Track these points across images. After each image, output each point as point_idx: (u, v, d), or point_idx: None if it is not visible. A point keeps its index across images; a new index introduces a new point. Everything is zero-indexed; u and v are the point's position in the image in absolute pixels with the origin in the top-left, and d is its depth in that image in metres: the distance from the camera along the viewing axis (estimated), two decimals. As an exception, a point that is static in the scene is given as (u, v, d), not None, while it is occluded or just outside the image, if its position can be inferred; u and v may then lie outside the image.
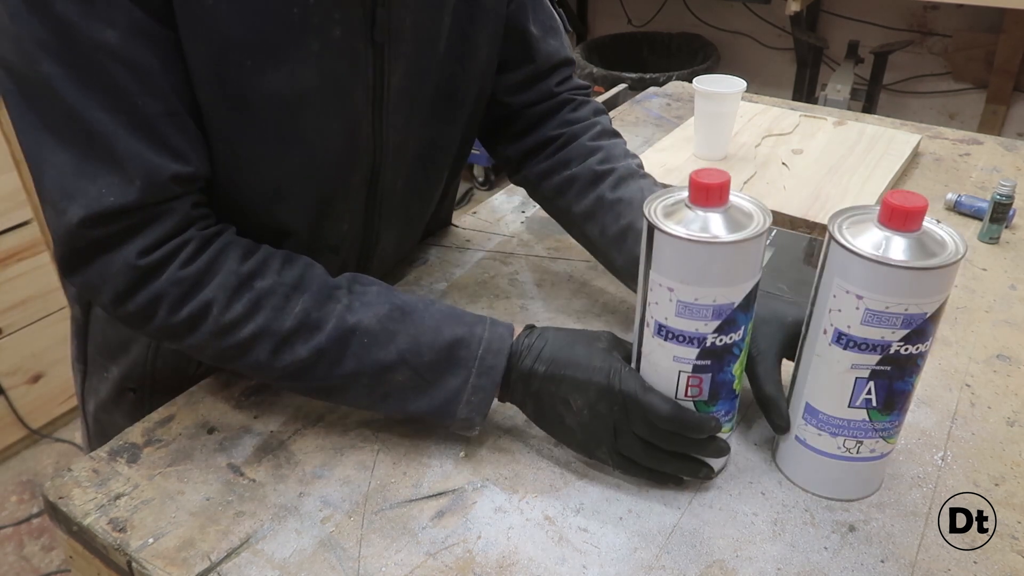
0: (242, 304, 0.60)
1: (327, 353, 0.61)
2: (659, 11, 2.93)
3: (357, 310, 0.62)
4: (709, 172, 0.54)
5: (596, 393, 0.60)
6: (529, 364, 0.62)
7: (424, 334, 0.62)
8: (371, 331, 0.61)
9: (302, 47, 0.61)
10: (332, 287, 0.63)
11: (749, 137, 1.18)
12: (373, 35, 0.65)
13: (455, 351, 0.62)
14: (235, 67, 0.59)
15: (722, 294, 0.54)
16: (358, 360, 0.61)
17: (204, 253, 0.60)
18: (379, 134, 0.70)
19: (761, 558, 0.56)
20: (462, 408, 0.62)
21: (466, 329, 0.63)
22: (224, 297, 0.59)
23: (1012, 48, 2.34)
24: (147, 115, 0.57)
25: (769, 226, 0.54)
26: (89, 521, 0.59)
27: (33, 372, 1.94)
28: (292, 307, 0.61)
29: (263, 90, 0.61)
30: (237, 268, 0.60)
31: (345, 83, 0.65)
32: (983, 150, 1.19)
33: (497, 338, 0.63)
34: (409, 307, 0.64)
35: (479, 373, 0.61)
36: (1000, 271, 0.90)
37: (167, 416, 0.69)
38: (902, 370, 0.55)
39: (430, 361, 0.61)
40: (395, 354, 0.61)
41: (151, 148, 0.57)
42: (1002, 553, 0.57)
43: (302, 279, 0.62)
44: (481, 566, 0.56)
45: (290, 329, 0.60)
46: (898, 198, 0.52)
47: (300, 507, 0.60)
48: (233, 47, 0.58)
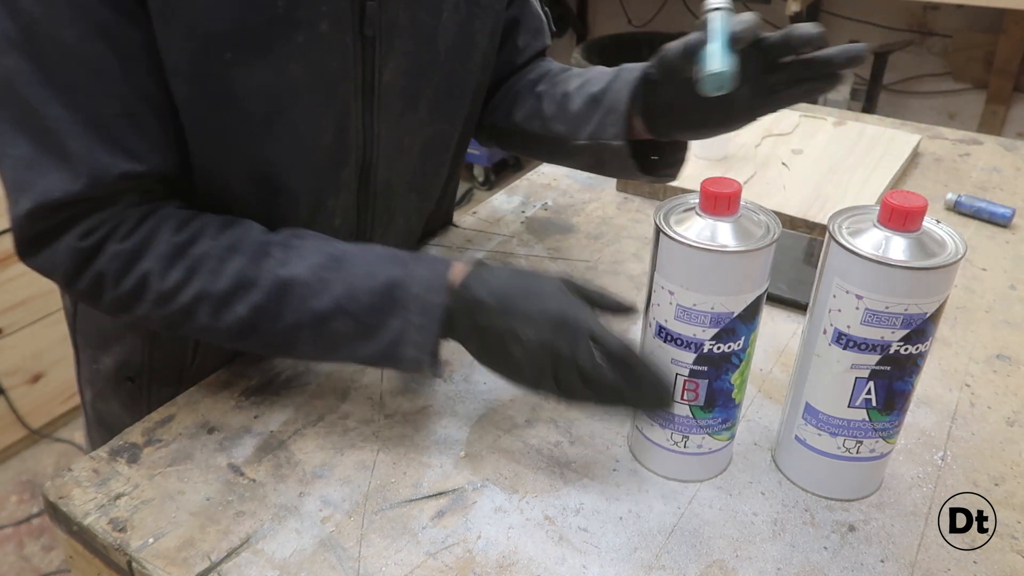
0: (178, 271, 0.60)
1: (265, 309, 0.60)
2: (659, 11, 2.93)
3: (291, 263, 0.61)
4: (720, 181, 0.54)
5: (549, 324, 0.57)
6: (479, 296, 0.59)
7: (359, 279, 0.61)
8: (305, 282, 0.60)
9: (288, 41, 0.61)
10: (266, 243, 0.62)
11: (749, 137, 1.18)
12: (362, 29, 0.65)
13: (392, 292, 0.60)
14: (216, 61, 0.59)
15: (721, 302, 0.54)
16: (296, 313, 0.60)
17: (141, 227, 0.61)
18: (369, 129, 0.71)
19: (761, 558, 0.56)
20: (408, 349, 0.60)
21: (402, 269, 0.61)
22: (160, 266, 0.60)
23: (1012, 48, 2.34)
24: (102, 114, 0.58)
25: (775, 239, 0.54)
26: (89, 521, 0.59)
27: (33, 372, 1.94)
28: (227, 268, 0.61)
29: (248, 84, 0.61)
30: (172, 237, 0.61)
31: (333, 77, 0.65)
32: (983, 150, 1.20)
33: (436, 275, 0.61)
34: (345, 255, 0.62)
35: (419, 311, 0.60)
36: (1000, 271, 0.90)
37: (167, 416, 0.69)
38: (902, 370, 0.55)
39: (368, 305, 0.60)
40: (331, 302, 0.60)
41: (102, 147, 0.58)
42: (1002, 553, 0.57)
43: (238, 240, 0.62)
44: (481, 566, 0.56)
45: (226, 290, 0.60)
46: (898, 198, 0.52)
47: (300, 507, 0.60)
48: (213, 40, 0.59)
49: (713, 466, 0.63)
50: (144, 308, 0.62)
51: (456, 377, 0.73)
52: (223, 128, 0.63)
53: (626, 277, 0.89)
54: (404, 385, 0.72)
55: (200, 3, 0.57)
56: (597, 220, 1.01)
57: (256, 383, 0.72)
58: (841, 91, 2.28)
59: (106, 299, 0.62)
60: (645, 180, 0.79)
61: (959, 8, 2.36)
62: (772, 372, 0.75)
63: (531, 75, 0.86)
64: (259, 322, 0.61)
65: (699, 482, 0.63)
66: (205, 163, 0.65)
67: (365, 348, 0.61)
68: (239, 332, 0.62)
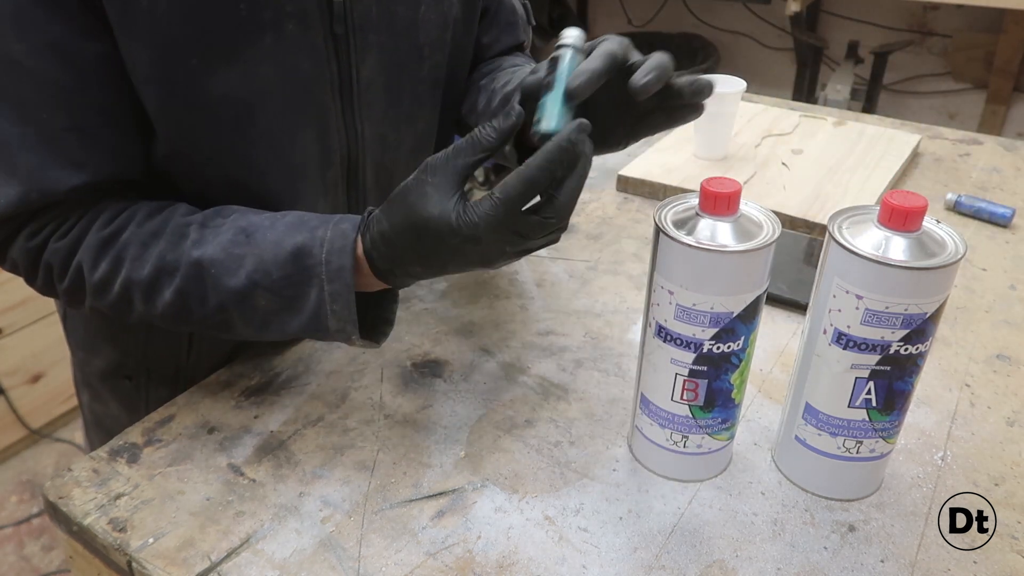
0: (106, 263, 0.60)
1: (189, 293, 0.60)
2: (659, 11, 2.93)
3: (203, 243, 0.60)
4: (720, 181, 0.54)
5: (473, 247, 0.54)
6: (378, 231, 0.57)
7: (267, 251, 0.59)
8: (216, 261, 0.60)
9: (254, 44, 0.61)
10: (185, 225, 0.62)
11: (749, 137, 1.18)
12: (333, 27, 0.64)
13: (301, 260, 0.58)
14: (182, 68, 0.59)
15: (721, 302, 0.54)
16: (216, 293, 0.60)
17: (78, 223, 0.61)
18: (351, 128, 0.70)
19: (761, 558, 0.56)
20: (331, 320, 0.59)
21: (307, 234, 0.59)
22: (90, 258, 0.61)
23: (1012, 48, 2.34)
24: (51, 128, 0.58)
25: (775, 239, 0.54)
26: (89, 521, 0.59)
27: (33, 372, 1.94)
28: (149, 255, 0.60)
29: (217, 90, 0.61)
30: (100, 230, 0.61)
31: (306, 78, 0.65)
32: (983, 150, 1.20)
33: (339, 236, 0.58)
34: (254, 227, 0.61)
35: (330, 279, 0.58)
36: (1000, 271, 0.90)
37: (167, 416, 0.69)
38: (902, 370, 0.55)
39: (281, 277, 0.59)
40: (245, 279, 0.59)
41: (51, 161, 0.58)
42: (1002, 553, 0.57)
43: (161, 225, 0.61)
44: (481, 566, 0.56)
45: (150, 276, 0.60)
46: (898, 198, 0.52)
47: (300, 507, 0.60)
48: (176, 48, 0.58)
49: (713, 466, 0.63)
50: (89, 299, 0.63)
51: (456, 377, 0.73)
52: (196, 134, 0.63)
53: (626, 277, 0.89)
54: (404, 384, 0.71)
55: (158, 12, 0.56)
56: (597, 220, 1.01)
57: (256, 383, 0.72)
58: (841, 91, 2.27)
59: (59, 293, 0.63)
60: None
61: (959, 8, 2.36)
62: (772, 372, 0.75)
63: (487, 67, 0.85)
64: (188, 305, 0.61)
65: (699, 482, 0.63)
66: (184, 168, 0.65)
67: (293, 322, 0.60)
68: (175, 316, 0.62)
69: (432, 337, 0.79)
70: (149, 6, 0.56)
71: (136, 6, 0.56)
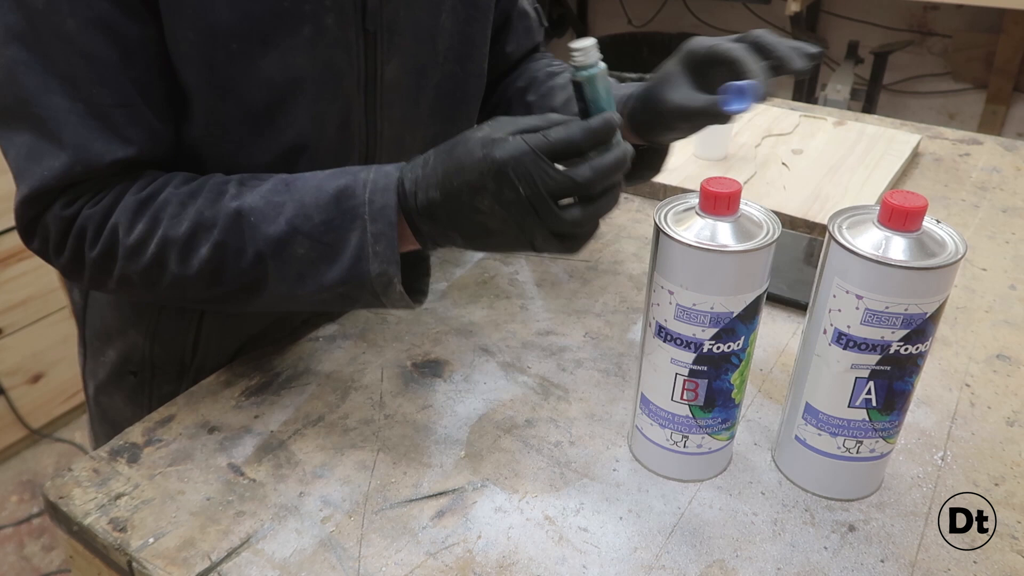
0: (143, 223, 0.60)
1: (227, 246, 0.59)
2: (659, 11, 2.93)
3: (243, 195, 0.60)
4: (720, 181, 0.54)
5: (493, 181, 0.53)
6: (424, 197, 0.57)
7: (308, 196, 0.59)
8: (256, 209, 0.59)
9: (294, 34, 0.62)
10: (224, 183, 0.62)
11: (749, 137, 1.18)
12: (364, 24, 0.65)
13: (342, 203, 0.58)
14: (223, 52, 0.60)
15: (721, 302, 0.54)
16: (255, 243, 0.59)
17: (113, 190, 0.62)
18: (372, 125, 0.71)
19: (761, 558, 0.56)
20: (373, 264, 0.57)
21: (349, 177, 0.59)
22: (127, 219, 0.60)
23: (1012, 48, 2.34)
24: (99, 103, 0.59)
25: (775, 239, 0.54)
26: (89, 521, 0.59)
27: (33, 372, 1.94)
28: (187, 212, 0.60)
29: (253, 76, 0.62)
30: (136, 193, 0.61)
31: (337, 71, 0.66)
32: (983, 150, 1.20)
33: (383, 176, 0.58)
34: (295, 177, 0.61)
35: (373, 218, 0.57)
36: (1000, 271, 0.90)
37: (167, 416, 0.69)
38: (902, 370, 0.55)
39: (321, 222, 0.58)
40: (285, 225, 0.58)
41: (97, 135, 0.59)
42: (1002, 553, 0.57)
43: (199, 186, 0.62)
44: (481, 566, 0.56)
45: (188, 232, 0.59)
46: (898, 198, 0.52)
47: (300, 507, 0.60)
48: (220, 33, 0.60)
49: (713, 466, 0.63)
50: (120, 267, 0.61)
51: (456, 377, 0.73)
52: (229, 117, 0.64)
53: (626, 277, 0.89)
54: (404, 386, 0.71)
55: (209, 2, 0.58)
56: (597, 220, 1.01)
57: (256, 383, 0.72)
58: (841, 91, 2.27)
59: (88, 265, 0.62)
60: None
61: (959, 8, 2.36)
62: (772, 372, 0.75)
63: (520, 81, 0.86)
64: (224, 260, 0.60)
65: (699, 482, 0.63)
66: (214, 152, 0.66)
67: (332, 271, 0.58)
68: (210, 276, 0.60)
69: (432, 337, 0.79)
70: None
71: None
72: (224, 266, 0.60)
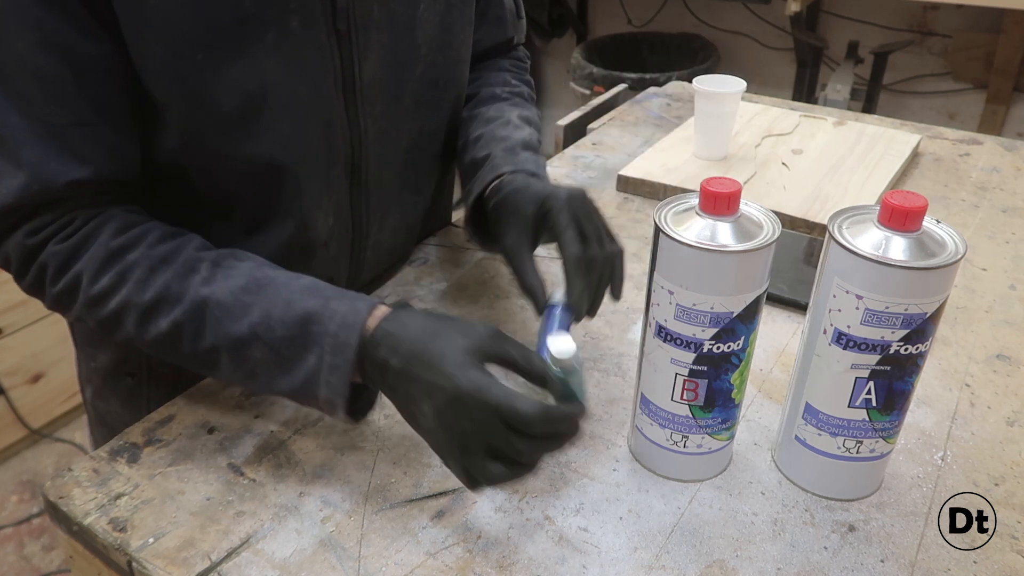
0: (108, 277, 0.60)
1: (185, 327, 0.59)
2: (659, 11, 2.93)
3: (214, 282, 0.60)
4: (720, 181, 0.54)
5: (445, 401, 0.53)
6: (383, 355, 0.56)
7: (276, 307, 0.59)
8: (223, 304, 0.59)
9: (259, 40, 0.61)
10: (197, 260, 0.62)
11: (749, 137, 1.18)
12: (336, 23, 0.65)
13: (308, 326, 0.58)
14: (189, 64, 0.60)
15: (721, 302, 0.54)
16: (214, 334, 0.59)
17: (82, 229, 0.61)
18: (355, 125, 0.71)
19: (761, 558, 0.56)
20: (322, 389, 0.57)
21: (321, 303, 0.59)
22: (92, 269, 0.60)
23: (1012, 48, 2.34)
24: (54, 123, 0.58)
25: (775, 239, 0.54)
26: (89, 521, 0.59)
27: (33, 372, 1.94)
28: (154, 280, 0.60)
29: (222, 84, 0.61)
30: (108, 242, 0.60)
31: (311, 74, 0.65)
32: (983, 150, 1.20)
33: (352, 312, 0.58)
34: (268, 280, 0.61)
35: (333, 351, 0.57)
36: (1000, 271, 0.90)
37: (167, 416, 0.69)
38: (902, 370, 0.55)
39: (283, 336, 0.58)
40: (247, 328, 0.58)
41: (53, 155, 0.58)
42: (1002, 553, 0.57)
43: (172, 252, 0.61)
44: (481, 566, 0.56)
45: (150, 302, 0.60)
46: (898, 198, 0.52)
47: (300, 507, 0.60)
48: (183, 43, 0.59)
49: (713, 466, 0.63)
50: (77, 310, 0.62)
51: (456, 377, 0.73)
52: (204, 128, 0.63)
53: (626, 277, 0.89)
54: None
55: (166, 7, 0.57)
56: (597, 220, 1.01)
57: (256, 383, 0.72)
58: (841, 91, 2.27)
59: (46, 296, 0.63)
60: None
61: (959, 8, 2.36)
62: (772, 372, 0.75)
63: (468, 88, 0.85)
64: (180, 339, 0.60)
65: (699, 482, 0.63)
66: (192, 163, 0.65)
67: (283, 381, 0.59)
68: (163, 346, 0.61)
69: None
70: (157, 1, 0.57)
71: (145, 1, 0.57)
72: (179, 343, 0.60)
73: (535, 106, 0.89)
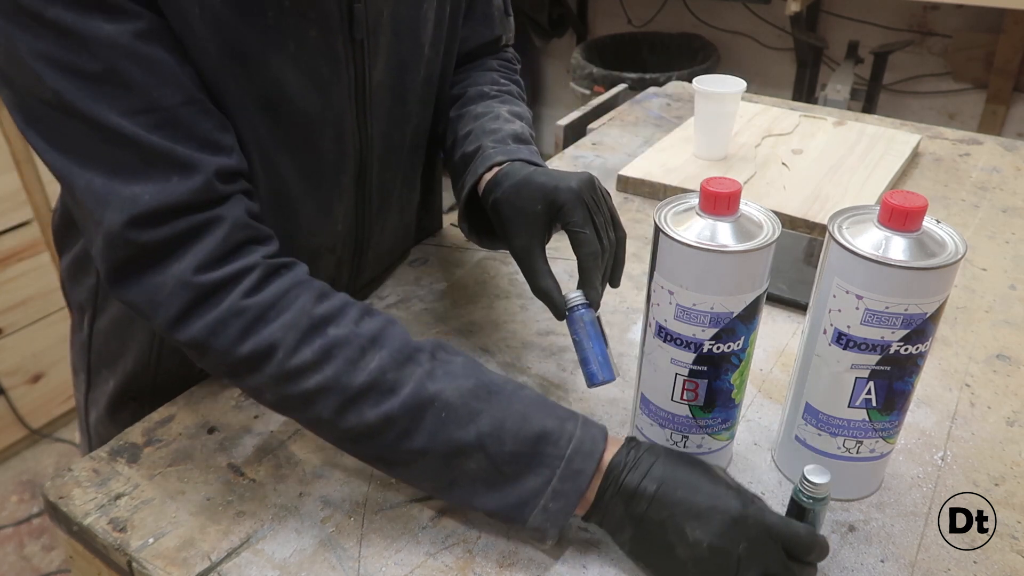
0: (312, 350, 0.53)
1: (397, 422, 0.54)
2: (659, 11, 2.93)
3: (440, 378, 0.55)
4: (720, 181, 0.54)
5: (722, 524, 0.51)
6: (636, 480, 0.53)
7: (510, 419, 0.54)
8: (451, 405, 0.54)
9: (280, 50, 0.60)
10: (414, 348, 0.56)
11: (749, 137, 1.18)
12: (352, 32, 0.64)
13: (540, 446, 0.54)
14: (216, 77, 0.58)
15: (721, 302, 0.54)
16: (430, 436, 0.54)
17: (272, 284, 0.55)
18: (364, 130, 0.70)
19: (761, 558, 0.56)
20: (536, 515, 0.54)
21: (556, 423, 0.55)
22: (293, 339, 0.53)
23: (1012, 48, 2.34)
24: (166, 107, 0.53)
25: (775, 239, 0.54)
26: (89, 521, 0.59)
27: (33, 372, 1.94)
28: (367, 363, 0.54)
29: (244, 98, 0.60)
30: (310, 309, 0.55)
31: (325, 83, 0.65)
32: (983, 150, 1.19)
33: (590, 439, 0.55)
34: (497, 386, 0.56)
35: (563, 477, 0.53)
36: (1000, 271, 0.90)
37: (167, 416, 0.69)
38: (902, 370, 0.55)
39: (511, 452, 0.54)
40: (474, 436, 0.54)
41: (179, 142, 0.53)
42: (1002, 553, 0.57)
43: (381, 333, 0.56)
44: (481, 566, 0.56)
45: (362, 387, 0.54)
46: (898, 198, 0.52)
47: (300, 507, 0.60)
48: (210, 59, 0.57)
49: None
50: (259, 380, 0.54)
51: (456, 377, 0.73)
52: None
53: (626, 277, 0.89)
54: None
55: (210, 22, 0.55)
56: (597, 220, 1.01)
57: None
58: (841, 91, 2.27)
59: (214, 357, 0.54)
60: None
61: (959, 8, 2.36)
62: (772, 372, 0.75)
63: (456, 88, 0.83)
64: (385, 434, 0.54)
65: None
66: None
67: (488, 498, 0.55)
68: (358, 437, 0.55)
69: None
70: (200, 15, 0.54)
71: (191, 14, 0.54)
72: (380, 438, 0.55)
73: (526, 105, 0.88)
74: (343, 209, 0.73)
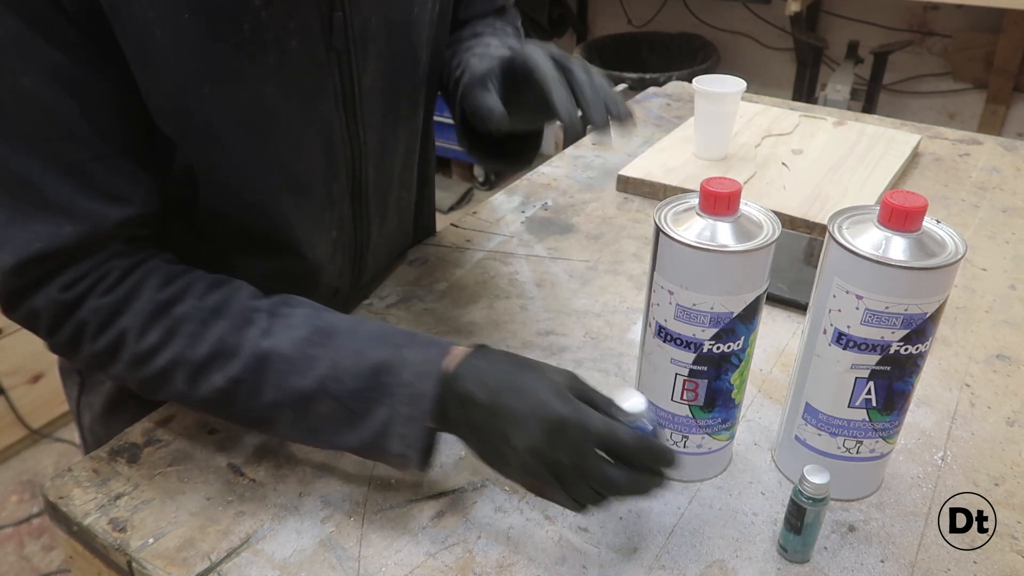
0: (156, 332, 0.57)
1: (243, 382, 0.56)
2: (659, 11, 2.93)
3: (275, 334, 0.57)
4: (721, 181, 0.54)
5: (541, 429, 0.51)
6: (468, 389, 0.54)
7: (345, 358, 0.56)
8: (287, 357, 0.56)
9: (259, 64, 0.60)
10: (251, 310, 0.59)
11: (749, 137, 1.18)
12: (332, 41, 0.63)
13: (379, 377, 0.55)
14: (194, 96, 0.58)
15: (721, 302, 0.54)
16: (276, 390, 0.56)
17: (125, 280, 0.58)
18: (355, 138, 0.70)
19: (761, 558, 0.56)
20: (394, 443, 0.55)
21: (392, 351, 0.56)
22: (139, 325, 0.57)
23: (1012, 48, 2.34)
24: (74, 160, 0.55)
25: (775, 239, 0.54)
26: (89, 521, 0.59)
27: (33, 372, 1.94)
28: (208, 334, 0.57)
29: (226, 112, 0.60)
30: (155, 295, 0.58)
31: (309, 93, 0.64)
32: (983, 150, 1.20)
33: (427, 360, 0.56)
34: (334, 328, 0.58)
35: (407, 401, 0.55)
36: (1000, 271, 0.90)
37: (167, 416, 0.69)
38: (902, 370, 0.55)
39: (353, 389, 0.55)
40: (314, 382, 0.56)
41: (83, 193, 0.56)
42: (1002, 553, 0.57)
43: (224, 303, 0.58)
44: (481, 566, 0.56)
45: (204, 357, 0.56)
46: (898, 198, 0.52)
47: (300, 507, 0.60)
48: (188, 75, 0.57)
49: (713, 466, 0.63)
50: (119, 368, 0.58)
51: (456, 377, 0.73)
52: (208, 156, 0.61)
53: (626, 277, 0.89)
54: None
55: (167, 44, 0.55)
56: (597, 220, 1.01)
57: (256, 383, 0.72)
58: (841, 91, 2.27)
59: (82, 354, 0.59)
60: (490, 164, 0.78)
61: (959, 8, 2.36)
62: (772, 372, 0.75)
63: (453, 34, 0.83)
64: (237, 395, 0.57)
65: (699, 482, 0.63)
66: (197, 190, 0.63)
67: (348, 436, 0.56)
68: (215, 403, 0.58)
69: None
70: (162, 37, 0.55)
71: (150, 38, 0.54)
72: (234, 400, 0.57)
73: None
74: (337, 218, 0.73)
